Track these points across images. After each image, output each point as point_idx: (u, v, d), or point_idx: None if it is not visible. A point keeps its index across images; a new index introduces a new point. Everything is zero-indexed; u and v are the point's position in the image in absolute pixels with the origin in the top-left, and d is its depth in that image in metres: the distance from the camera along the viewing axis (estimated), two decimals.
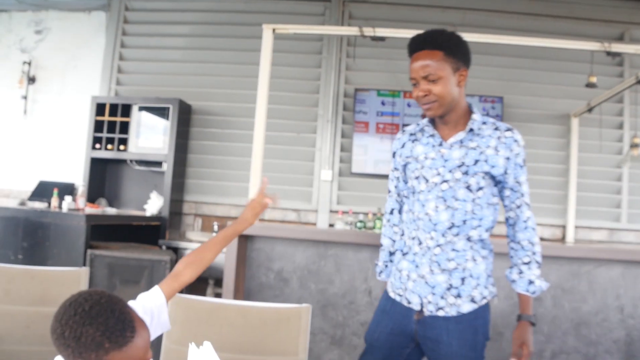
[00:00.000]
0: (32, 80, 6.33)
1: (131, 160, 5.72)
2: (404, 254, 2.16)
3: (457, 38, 2.06)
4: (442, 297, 2.03)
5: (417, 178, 2.13)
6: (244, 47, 5.84)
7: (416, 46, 2.05)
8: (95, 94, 6.02)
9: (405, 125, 5.42)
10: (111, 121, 5.65)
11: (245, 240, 3.41)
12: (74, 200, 4.80)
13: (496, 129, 2.09)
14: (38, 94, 6.35)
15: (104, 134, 5.63)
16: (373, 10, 5.77)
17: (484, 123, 2.10)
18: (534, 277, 2.07)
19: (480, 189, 2.04)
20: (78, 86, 6.25)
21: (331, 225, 5.49)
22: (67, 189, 5.68)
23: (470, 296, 2.04)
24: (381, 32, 3.77)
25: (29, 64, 6.32)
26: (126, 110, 5.64)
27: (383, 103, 5.46)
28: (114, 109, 5.66)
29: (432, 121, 2.16)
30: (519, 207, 2.10)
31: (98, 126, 5.66)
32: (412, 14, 5.71)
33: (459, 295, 2.03)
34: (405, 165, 2.21)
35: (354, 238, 3.43)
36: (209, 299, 2.07)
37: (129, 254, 4.18)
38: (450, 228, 2.03)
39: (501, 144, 2.06)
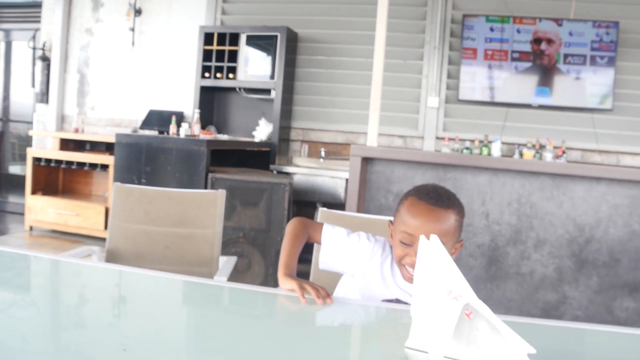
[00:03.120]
0: (138, 12, 6.50)
1: (240, 88, 5.87)
2: None
3: None
4: None
5: None
6: None
7: None
8: (201, 23, 6.13)
9: (514, 51, 5.29)
10: (219, 50, 5.78)
11: (365, 163, 3.49)
12: (190, 127, 5.00)
13: None
14: (144, 25, 6.53)
15: (213, 63, 5.78)
16: None
17: None
18: None
19: None
20: (183, 17, 6.38)
21: (437, 151, 5.48)
22: (178, 117, 5.91)
23: None
24: None
25: None
26: (233, 39, 5.74)
27: (492, 29, 5.28)
28: (221, 38, 5.77)
29: None
30: None
31: (206, 55, 5.81)
32: None
33: None
34: None
35: (473, 162, 3.46)
36: (356, 214, 2.17)
37: (248, 177, 4.34)
38: None
39: None
